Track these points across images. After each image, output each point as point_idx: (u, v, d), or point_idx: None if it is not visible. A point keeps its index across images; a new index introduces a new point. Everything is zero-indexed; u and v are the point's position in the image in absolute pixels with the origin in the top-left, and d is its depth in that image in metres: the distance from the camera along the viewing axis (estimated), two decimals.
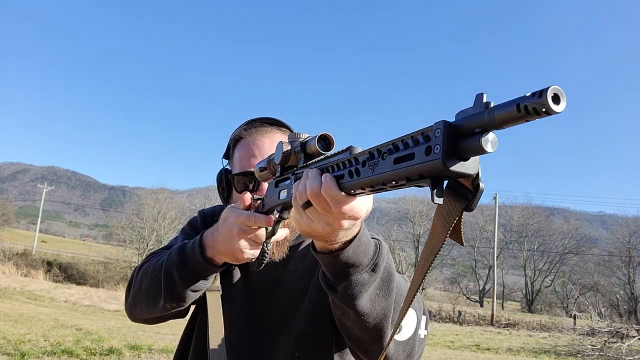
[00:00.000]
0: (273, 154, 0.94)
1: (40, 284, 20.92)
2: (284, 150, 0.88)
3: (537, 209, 49.80)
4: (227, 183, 1.27)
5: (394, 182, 0.60)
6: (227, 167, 1.30)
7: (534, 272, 44.85)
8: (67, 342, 7.22)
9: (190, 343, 1.24)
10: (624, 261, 39.30)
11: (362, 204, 0.73)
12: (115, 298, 18.65)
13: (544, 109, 0.44)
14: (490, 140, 0.51)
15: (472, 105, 0.52)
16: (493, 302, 27.84)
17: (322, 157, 0.81)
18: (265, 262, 1.06)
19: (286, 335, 1.15)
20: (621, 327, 15.14)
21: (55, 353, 6.64)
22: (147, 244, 34.32)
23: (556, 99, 0.45)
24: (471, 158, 0.53)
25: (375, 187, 0.63)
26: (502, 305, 42.15)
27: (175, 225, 35.58)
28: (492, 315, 25.69)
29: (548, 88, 0.45)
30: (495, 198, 32.58)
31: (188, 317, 1.30)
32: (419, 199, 44.33)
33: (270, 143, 1.21)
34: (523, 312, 38.64)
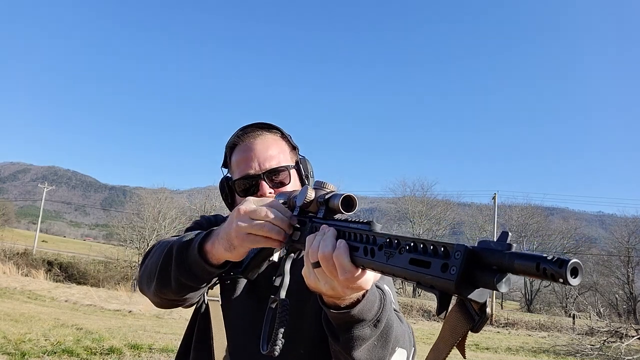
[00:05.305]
0: (295, 191, 0.97)
1: (41, 284, 20.92)
2: (307, 198, 0.89)
3: (536, 208, 49.67)
4: (230, 190, 1.33)
5: (404, 279, 0.63)
6: (228, 174, 1.35)
7: None
8: (68, 342, 7.26)
9: (190, 346, 1.26)
10: (623, 261, 39.25)
11: (370, 276, 0.74)
12: (116, 297, 18.66)
13: (560, 279, 0.45)
14: (504, 283, 0.51)
15: (497, 237, 0.53)
16: (492, 301, 27.89)
17: (343, 218, 0.82)
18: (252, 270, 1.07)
19: (294, 336, 1.14)
20: (620, 327, 15.19)
21: (55, 352, 6.67)
22: (148, 244, 34.27)
23: (574, 273, 0.45)
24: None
25: (386, 274, 0.66)
26: (501, 305, 42.10)
27: (176, 225, 35.59)
28: (492, 315, 25.71)
29: (569, 261, 0.44)
30: (494, 198, 32.63)
31: (189, 316, 1.31)
32: (419, 199, 44.30)
33: (263, 145, 1.26)
34: (522, 311, 38.58)
